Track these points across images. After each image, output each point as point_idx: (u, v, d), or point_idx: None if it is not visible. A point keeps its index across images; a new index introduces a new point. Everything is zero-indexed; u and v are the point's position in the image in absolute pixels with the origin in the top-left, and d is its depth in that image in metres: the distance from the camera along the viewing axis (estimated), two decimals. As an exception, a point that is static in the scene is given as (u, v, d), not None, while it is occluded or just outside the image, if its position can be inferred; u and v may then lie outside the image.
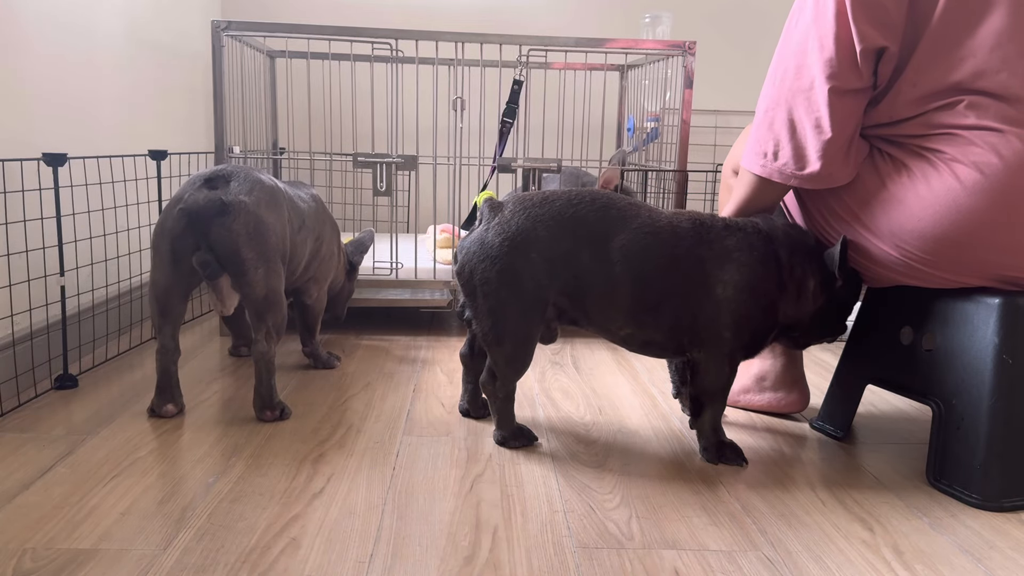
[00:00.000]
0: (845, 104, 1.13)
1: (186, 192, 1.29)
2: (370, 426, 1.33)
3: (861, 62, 1.11)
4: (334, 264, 1.66)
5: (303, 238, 1.47)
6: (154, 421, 1.32)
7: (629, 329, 1.22)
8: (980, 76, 1.08)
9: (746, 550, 0.97)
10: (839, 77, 1.12)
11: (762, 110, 1.21)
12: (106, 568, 0.88)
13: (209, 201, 1.26)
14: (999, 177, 1.06)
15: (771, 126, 1.19)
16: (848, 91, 1.13)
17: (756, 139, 1.21)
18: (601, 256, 1.18)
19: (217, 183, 1.30)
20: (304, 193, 1.55)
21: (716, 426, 1.24)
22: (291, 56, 2.20)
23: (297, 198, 1.49)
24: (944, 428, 1.15)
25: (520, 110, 2.02)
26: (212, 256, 1.27)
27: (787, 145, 1.17)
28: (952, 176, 1.08)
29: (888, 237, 1.15)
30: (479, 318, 1.22)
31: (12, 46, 1.45)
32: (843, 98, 1.13)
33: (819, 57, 1.13)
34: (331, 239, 1.63)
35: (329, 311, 1.76)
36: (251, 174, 1.35)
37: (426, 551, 0.94)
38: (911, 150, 1.13)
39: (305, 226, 1.48)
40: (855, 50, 1.11)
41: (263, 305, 1.31)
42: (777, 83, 1.18)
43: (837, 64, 1.12)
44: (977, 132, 1.08)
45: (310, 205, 1.54)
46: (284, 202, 1.40)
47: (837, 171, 1.15)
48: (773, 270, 1.19)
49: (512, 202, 1.23)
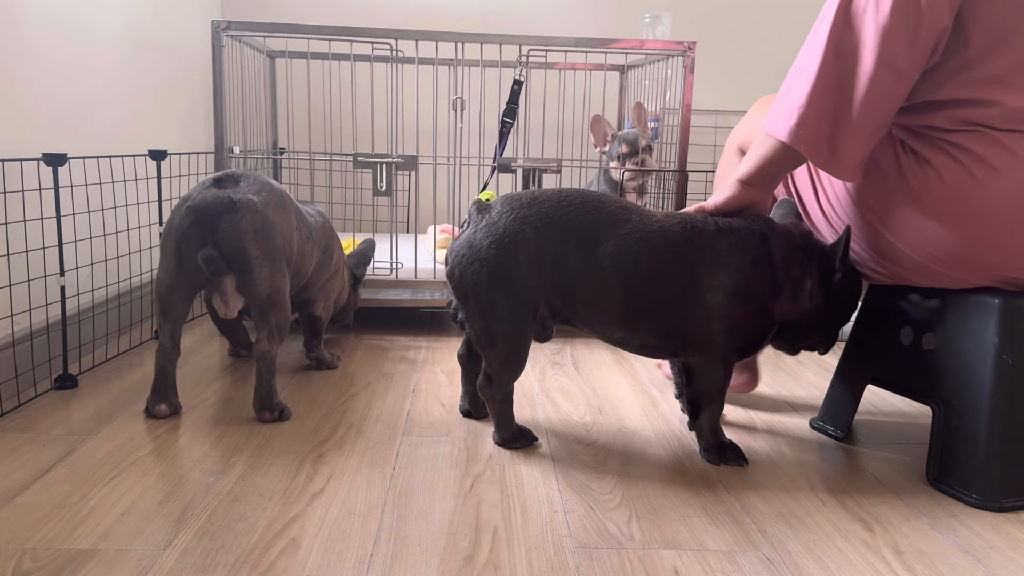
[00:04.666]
0: (887, 83, 1.07)
1: (196, 191, 1.31)
2: (370, 426, 1.33)
3: (923, 45, 1.05)
4: (340, 280, 1.68)
5: (310, 248, 1.49)
6: (154, 421, 1.32)
7: (622, 333, 1.22)
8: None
9: (746, 550, 0.97)
10: (895, 56, 1.05)
11: (797, 70, 1.14)
12: (106, 568, 0.88)
13: (217, 198, 1.28)
14: (1016, 177, 1.05)
15: (796, 87, 1.12)
16: (897, 72, 1.06)
17: (781, 99, 1.15)
18: (590, 260, 1.17)
19: (227, 183, 1.32)
20: (312, 209, 1.59)
21: (715, 427, 1.24)
22: (291, 56, 2.20)
23: (305, 212, 1.52)
24: (944, 428, 1.15)
25: (520, 110, 2.02)
26: (218, 253, 1.27)
27: (810, 111, 1.10)
28: (971, 175, 1.07)
29: (905, 235, 1.14)
30: (471, 320, 1.22)
31: (12, 46, 1.45)
32: (889, 75, 1.06)
33: (877, 27, 1.05)
34: (339, 255, 1.65)
35: (336, 321, 1.78)
36: (260, 177, 1.37)
37: (426, 551, 0.94)
38: (936, 144, 1.11)
39: (312, 238, 1.50)
40: (918, 29, 1.04)
41: (267, 304, 1.31)
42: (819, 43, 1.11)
43: (896, 41, 1.05)
44: (1006, 133, 1.06)
45: (317, 220, 1.56)
46: (292, 207, 1.42)
47: (851, 157, 1.11)
48: (766, 272, 1.18)
49: (500, 203, 1.22)
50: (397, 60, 1.84)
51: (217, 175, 1.34)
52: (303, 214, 1.49)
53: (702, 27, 2.67)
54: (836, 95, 1.09)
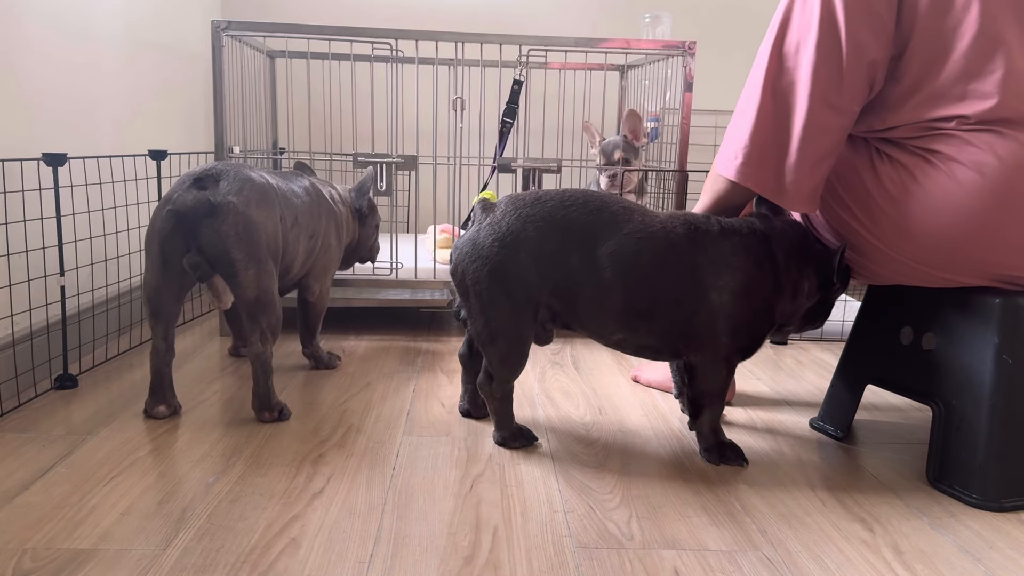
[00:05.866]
0: (825, 120, 1.12)
1: (175, 192, 1.28)
2: (370, 426, 1.33)
3: (853, 78, 1.10)
4: (333, 256, 1.63)
5: (295, 235, 1.44)
6: (154, 421, 1.32)
7: (621, 334, 1.22)
8: (972, 79, 1.08)
9: (746, 550, 0.97)
10: (826, 91, 1.11)
11: (738, 111, 1.20)
12: (106, 568, 0.88)
13: (197, 202, 1.25)
14: (997, 177, 1.06)
15: (739, 128, 1.18)
16: (831, 106, 1.12)
17: (726, 140, 1.21)
18: (591, 260, 1.17)
19: (206, 183, 1.28)
20: (297, 187, 1.50)
21: (715, 427, 1.24)
22: (291, 56, 2.20)
23: (291, 192, 1.45)
24: (944, 428, 1.15)
25: (520, 110, 2.02)
26: (202, 258, 1.26)
27: (754, 149, 1.17)
28: (949, 177, 1.08)
29: (887, 237, 1.15)
30: (472, 317, 1.22)
31: (12, 46, 1.45)
32: (824, 112, 1.12)
33: (807, 66, 1.11)
34: (327, 231, 1.58)
35: (358, 261, 1.78)
36: (241, 172, 1.32)
37: (426, 551, 0.94)
38: (909, 150, 1.13)
39: (298, 223, 1.45)
40: (844, 64, 1.10)
41: (255, 306, 1.30)
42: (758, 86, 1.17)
43: (826, 78, 1.11)
44: (975, 133, 1.08)
45: (303, 200, 1.49)
46: (276, 200, 1.37)
47: (797, 189, 1.16)
48: (769, 272, 1.18)
49: (504, 202, 1.22)
50: (397, 60, 1.84)
51: (196, 173, 1.30)
52: (287, 198, 1.43)
53: (702, 27, 2.67)
54: (776, 133, 1.16)
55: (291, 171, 1.60)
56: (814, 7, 1.11)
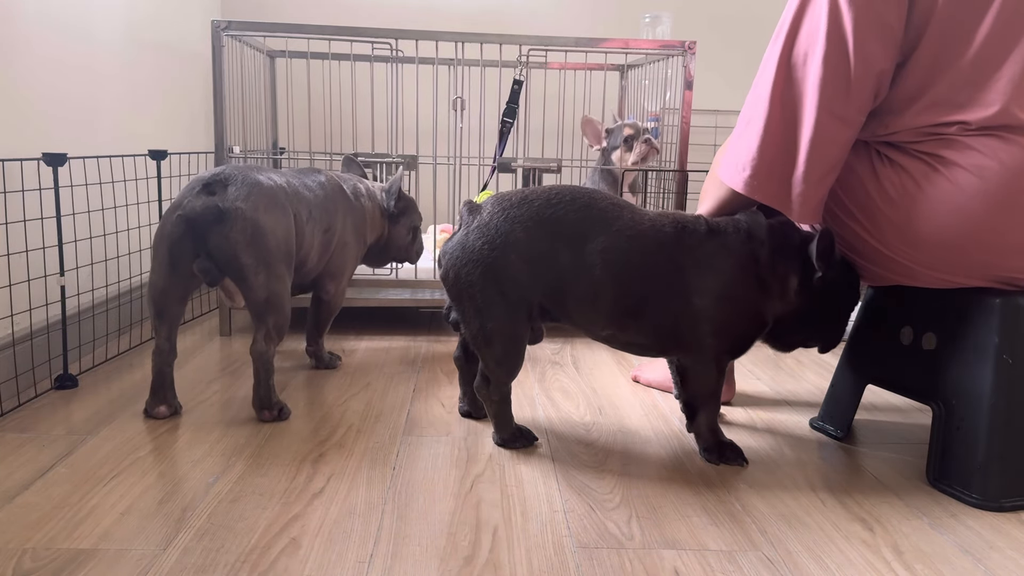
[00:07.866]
0: (832, 129, 1.11)
1: (185, 198, 1.28)
2: (370, 426, 1.33)
3: (860, 89, 1.09)
4: (350, 254, 1.62)
5: (311, 229, 1.45)
6: (154, 421, 1.32)
7: (610, 330, 1.22)
8: (977, 86, 1.08)
9: (746, 550, 0.97)
10: (834, 103, 1.10)
11: (743, 120, 1.19)
12: (106, 568, 0.88)
13: (206, 208, 1.26)
14: (998, 181, 1.06)
15: (746, 139, 1.17)
16: (839, 118, 1.11)
17: (733, 150, 1.20)
18: (579, 257, 1.17)
19: (215, 187, 1.29)
20: (312, 181, 1.50)
21: (713, 427, 1.24)
22: (291, 56, 2.20)
23: (303, 187, 1.45)
24: (944, 428, 1.15)
25: (520, 110, 2.02)
26: (212, 263, 1.27)
27: (762, 163, 1.15)
28: (951, 180, 1.08)
29: (887, 239, 1.15)
30: (467, 321, 1.21)
31: (12, 46, 1.45)
32: (832, 123, 1.11)
33: (815, 77, 1.10)
34: (344, 227, 1.57)
35: (385, 260, 1.76)
36: (249, 176, 1.33)
37: (426, 551, 0.94)
38: (910, 154, 1.13)
39: (312, 217, 1.45)
40: (852, 75, 1.08)
41: (264, 308, 1.31)
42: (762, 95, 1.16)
43: (833, 89, 1.09)
44: (976, 138, 1.07)
45: (317, 194, 1.49)
46: (286, 201, 1.37)
47: (805, 201, 1.15)
48: (752, 272, 1.17)
49: (491, 203, 1.22)
50: (397, 60, 1.84)
51: (206, 178, 1.30)
52: (299, 193, 1.43)
53: (702, 27, 2.67)
54: (785, 145, 1.14)
55: (309, 168, 1.58)
56: (821, 16, 1.09)
